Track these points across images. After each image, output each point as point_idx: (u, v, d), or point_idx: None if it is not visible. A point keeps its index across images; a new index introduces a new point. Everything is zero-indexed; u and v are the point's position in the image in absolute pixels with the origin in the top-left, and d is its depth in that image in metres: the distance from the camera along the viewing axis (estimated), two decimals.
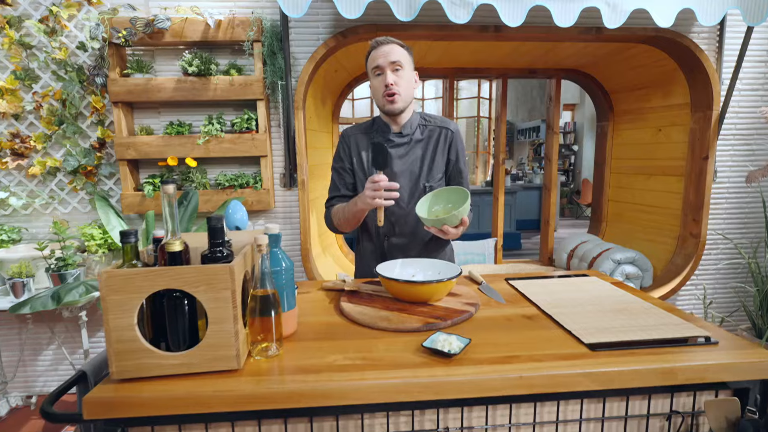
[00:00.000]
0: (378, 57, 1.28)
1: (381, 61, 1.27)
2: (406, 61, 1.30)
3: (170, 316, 0.77)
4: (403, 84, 1.30)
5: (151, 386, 0.74)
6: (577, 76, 3.04)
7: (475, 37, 2.24)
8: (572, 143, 9.06)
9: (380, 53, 1.28)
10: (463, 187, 1.42)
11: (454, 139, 1.40)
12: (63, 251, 1.93)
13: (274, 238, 0.91)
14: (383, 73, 1.28)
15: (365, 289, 1.19)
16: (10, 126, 2.14)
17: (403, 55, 1.30)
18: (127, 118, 2.15)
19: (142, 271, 0.73)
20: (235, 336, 0.77)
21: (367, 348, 0.87)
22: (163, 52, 2.17)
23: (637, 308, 1.04)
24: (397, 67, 1.28)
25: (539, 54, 2.66)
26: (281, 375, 0.77)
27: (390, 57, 1.27)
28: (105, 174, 2.20)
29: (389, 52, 1.27)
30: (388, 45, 1.28)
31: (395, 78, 1.28)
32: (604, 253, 2.61)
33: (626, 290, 1.19)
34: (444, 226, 1.14)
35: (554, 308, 1.05)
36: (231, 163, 2.28)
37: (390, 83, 1.27)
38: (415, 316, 0.99)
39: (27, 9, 2.06)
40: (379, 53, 1.28)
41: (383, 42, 1.29)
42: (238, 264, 0.78)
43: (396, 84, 1.28)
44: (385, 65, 1.27)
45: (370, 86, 1.34)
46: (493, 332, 0.94)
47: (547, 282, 1.27)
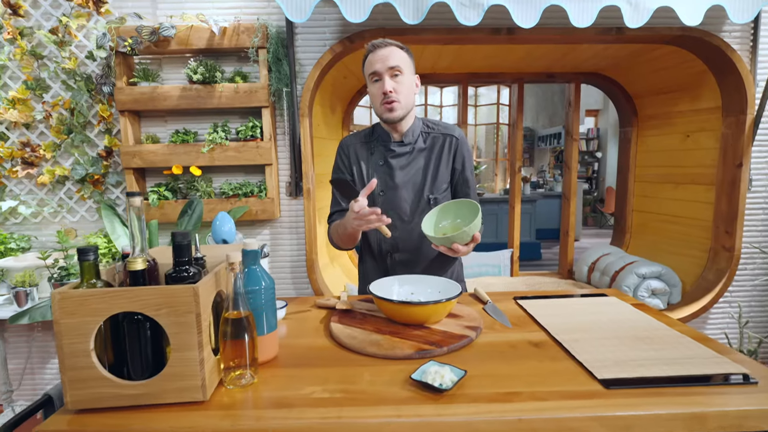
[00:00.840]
0: (375, 62, 1.18)
1: (378, 67, 1.17)
2: (405, 64, 1.21)
3: (131, 341, 0.70)
4: (403, 90, 1.20)
5: (105, 419, 0.67)
6: (597, 80, 2.90)
7: (487, 40, 2.15)
8: (596, 150, 8.78)
9: (377, 57, 1.18)
10: (470, 197, 1.32)
11: (459, 146, 1.31)
12: (66, 260, 1.91)
13: (252, 254, 0.84)
14: (381, 79, 1.18)
15: (359, 308, 1.11)
16: (21, 135, 2.16)
17: (403, 58, 1.20)
18: (133, 126, 2.14)
19: (97, 292, 0.67)
20: (201, 364, 0.70)
21: (351, 378, 0.78)
22: (169, 60, 2.16)
23: (662, 336, 0.92)
24: (396, 73, 1.18)
25: (556, 57, 2.54)
26: (249, 409, 0.70)
27: (388, 62, 1.17)
28: (112, 183, 2.20)
29: (387, 57, 1.18)
30: (385, 48, 1.19)
31: (394, 84, 1.18)
32: (627, 267, 2.45)
33: (650, 314, 1.07)
34: (454, 244, 1.05)
35: (565, 334, 0.94)
36: (237, 171, 2.24)
37: (388, 90, 1.17)
38: (408, 341, 0.90)
39: (39, 19, 2.08)
40: (377, 57, 1.18)
41: (380, 45, 1.19)
42: (205, 284, 0.71)
43: (395, 91, 1.18)
44: (383, 71, 1.17)
45: (368, 93, 1.26)
46: (494, 362, 0.84)
47: (560, 302, 1.16)
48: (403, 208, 1.26)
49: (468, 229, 1.00)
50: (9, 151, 2.13)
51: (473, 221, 1.02)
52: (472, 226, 1.01)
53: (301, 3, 1.80)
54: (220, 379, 0.77)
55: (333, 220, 1.31)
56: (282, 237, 2.28)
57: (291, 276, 2.32)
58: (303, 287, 2.33)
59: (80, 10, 2.06)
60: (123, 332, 0.70)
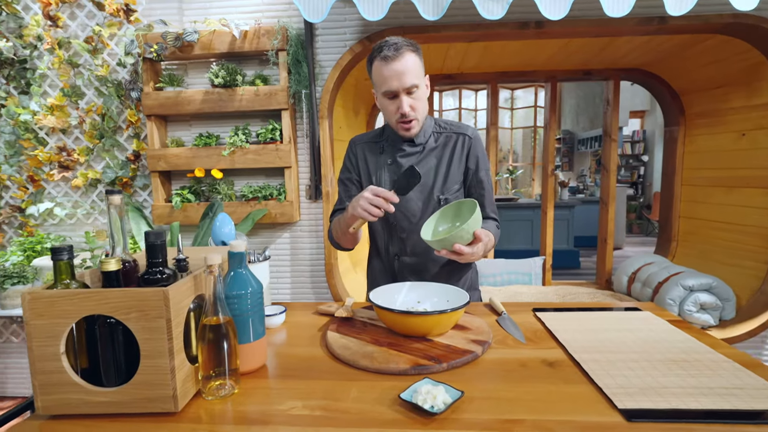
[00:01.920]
0: (390, 78, 1.07)
1: (395, 86, 1.07)
2: (420, 74, 1.11)
3: (103, 345, 0.67)
4: (420, 105, 1.12)
5: (74, 426, 0.64)
6: (639, 76, 2.70)
7: (515, 36, 2.04)
8: (642, 153, 8.29)
9: (391, 73, 1.06)
10: (484, 199, 1.23)
11: (473, 145, 1.22)
12: (92, 261, 1.97)
13: (237, 256, 0.79)
14: (397, 97, 1.10)
15: (361, 316, 1.04)
16: (58, 140, 2.26)
17: (417, 67, 1.10)
18: (160, 130, 2.19)
19: (66, 293, 0.64)
20: (172, 373, 0.65)
21: (336, 394, 0.72)
22: (194, 65, 2.20)
23: (703, 360, 0.79)
24: (413, 89, 1.09)
25: (592, 52, 2.38)
26: (220, 425, 0.64)
27: (405, 80, 1.06)
28: (139, 185, 2.26)
29: (403, 73, 1.06)
30: (400, 60, 1.06)
31: (411, 102, 1.10)
32: (672, 278, 2.23)
33: (690, 333, 0.93)
34: (455, 245, 0.96)
35: (586, 353, 0.83)
36: (257, 174, 2.24)
37: (406, 111, 1.09)
38: (405, 355, 0.82)
39: (75, 30, 2.18)
40: (391, 72, 1.06)
41: (392, 57, 1.06)
42: (179, 287, 0.67)
43: (413, 108, 1.10)
44: (400, 90, 1.07)
45: (378, 99, 1.16)
46: (499, 382, 0.74)
47: (585, 316, 1.04)
48: (412, 209, 1.18)
49: (466, 226, 0.91)
50: (47, 156, 2.24)
51: (470, 218, 0.93)
52: (469, 223, 0.92)
53: (318, 3, 1.77)
54: (198, 390, 0.73)
55: (336, 217, 1.26)
56: (302, 240, 2.26)
57: (311, 280, 2.29)
58: (322, 292, 2.29)
59: (112, 20, 2.14)
60: (96, 336, 0.67)
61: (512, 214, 5.36)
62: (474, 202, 0.98)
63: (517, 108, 8.86)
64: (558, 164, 8.61)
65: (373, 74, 1.13)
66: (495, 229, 1.23)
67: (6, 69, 2.22)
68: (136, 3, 2.13)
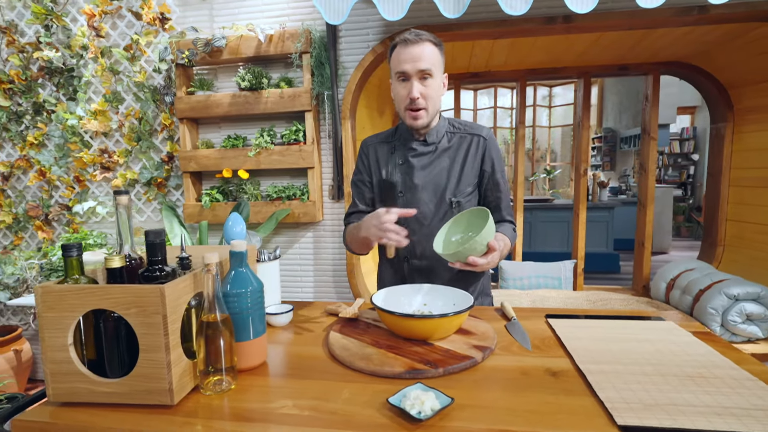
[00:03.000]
0: (404, 60, 1.08)
1: (408, 67, 1.07)
2: (437, 65, 1.11)
3: (108, 338, 0.71)
4: (431, 95, 1.11)
5: (79, 414, 0.68)
6: (681, 70, 2.53)
7: (542, 31, 1.97)
8: (691, 151, 7.79)
9: (408, 56, 1.07)
10: (501, 202, 1.20)
11: (488, 147, 1.18)
12: None
13: (238, 256, 0.81)
14: (409, 81, 1.09)
15: (366, 317, 1.04)
16: (100, 143, 2.41)
17: (435, 57, 1.10)
18: (191, 132, 2.29)
19: (73, 288, 0.68)
20: (168, 367, 0.68)
21: (329, 394, 0.72)
22: (223, 69, 2.28)
23: (723, 377, 0.73)
24: (426, 76, 1.09)
25: (628, 45, 2.26)
26: (212, 420, 0.66)
27: (419, 64, 1.06)
28: (173, 185, 2.37)
29: (419, 57, 1.07)
30: (417, 45, 1.07)
31: (422, 89, 1.09)
32: (715, 286, 2.08)
33: (714, 346, 0.86)
34: (469, 258, 0.93)
35: (593, 363, 0.79)
36: (283, 174, 2.29)
37: (416, 96, 1.08)
38: (402, 358, 0.81)
39: (116, 39, 2.32)
40: (407, 56, 1.07)
41: (412, 40, 1.08)
42: (176, 285, 0.69)
43: (423, 96, 1.09)
44: (412, 73, 1.07)
45: (392, 89, 1.17)
46: (495, 391, 0.72)
47: (600, 325, 0.99)
48: (423, 211, 1.17)
49: (479, 238, 0.89)
50: (91, 158, 2.39)
51: (482, 229, 0.90)
52: (482, 235, 0.89)
53: (338, 4, 1.79)
54: (196, 384, 0.75)
55: (350, 221, 1.26)
56: (324, 240, 2.29)
57: (333, 280, 2.31)
58: (344, 291, 2.31)
59: (149, 28, 2.25)
60: (102, 329, 0.71)
61: (547, 216, 5.19)
62: (486, 211, 0.95)
63: (555, 105, 8.57)
64: (599, 163, 8.24)
65: (392, 59, 1.13)
66: (511, 232, 1.20)
67: (56, 77, 2.39)
68: (170, 12, 2.23)
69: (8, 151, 2.52)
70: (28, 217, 2.51)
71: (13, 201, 2.54)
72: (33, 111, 2.44)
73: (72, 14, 2.34)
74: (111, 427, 0.65)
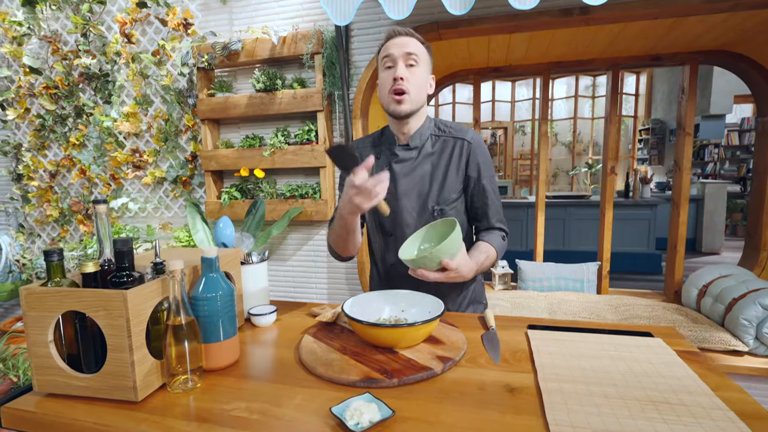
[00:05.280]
0: (391, 46, 1.09)
1: (394, 51, 1.08)
2: (423, 58, 1.11)
3: (83, 336, 0.77)
4: (415, 82, 1.09)
5: (55, 404, 0.75)
6: (723, 58, 2.33)
7: (558, 24, 1.88)
8: (752, 144, 7.14)
9: (395, 42, 1.09)
10: (488, 208, 1.17)
11: (473, 151, 1.15)
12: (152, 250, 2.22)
13: (208, 262, 0.85)
14: (394, 66, 1.08)
15: (343, 321, 1.06)
16: (132, 143, 2.57)
17: (421, 51, 1.11)
18: (212, 133, 2.39)
19: (51, 290, 0.74)
20: (132, 366, 0.73)
21: (282, 399, 0.74)
22: (241, 71, 2.35)
23: (691, 404, 0.68)
24: (412, 62, 1.08)
25: (659, 34, 2.11)
26: (168, 417, 0.70)
27: (406, 48, 1.08)
28: (197, 183, 2.49)
29: (406, 43, 1.08)
30: (405, 36, 1.10)
31: (407, 73, 1.08)
32: (751, 295, 1.92)
33: (698, 369, 0.81)
34: (418, 270, 0.93)
35: (555, 381, 0.76)
36: (297, 173, 2.35)
37: (399, 76, 1.07)
38: (362, 366, 0.82)
39: (146, 45, 2.45)
40: (394, 42, 1.09)
41: (401, 32, 1.10)
42: (140, 291, 0.74)
43: (406, 79, 1.07)
44: (398, 56, 1.07)
45: (378, 83, 1.16)
46: (445, 404, 0.72)
47: (579, 338, 0.95)
48: (406, 219, 1.16)
49: (430, 254, 0.88)
50: (125, 157, 2.56)
51: (442, 243, 0.89)
52: (437, 250, 0.88)
53: (344, 5, 1.79)
54: (165, 382, 0.80)
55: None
56: None
57: (345, 277, 2.35)
58: (356, 289, 2.34)
59: (174, 33, 2.37)
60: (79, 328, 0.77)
61: (582, 213, 4.98)
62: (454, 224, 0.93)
63: (598, 96, 8.14)
64: (645, 157, 7.76)
65: (380, 53, 1.14)
66: (499, 241, 1.17)
67: (94, 82, 2.57)
68: (193, 17, 2.33)
69: (55, 151, 2.74)
70: (72, 211, 2.73)
71: (59, 197, 2.77)
72: (75, 114, 2.64)
73: (107, 23, 2.50)
74: (78, 418, 0.70)
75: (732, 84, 6.01)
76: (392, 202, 1.16)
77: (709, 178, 7.43)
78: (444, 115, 7.87)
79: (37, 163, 2.75)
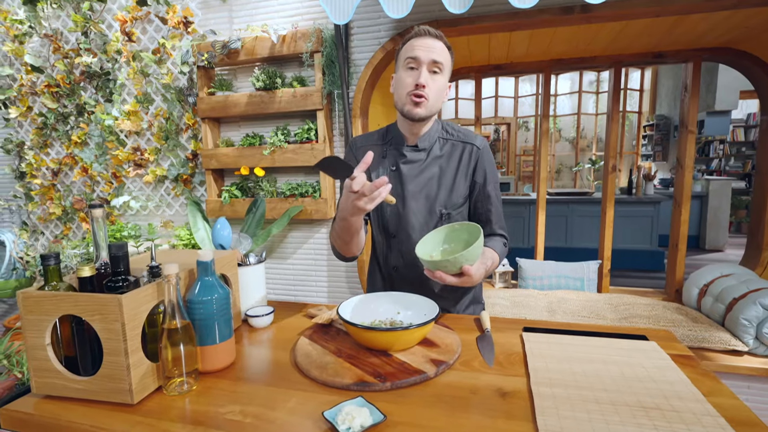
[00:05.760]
0: (418, 47, 1.06)
1: (421, 54, 1.05)
2: (446, 65, 1.10)
3: (80, 339, 0.78)
4: (435, 89, 1.08)
5: (53, 406, 0.76)
6: (727, 56, 2.31)
7: (559, 22, 1.87)
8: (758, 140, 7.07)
9: (423, 44, 1.06)
10: (491, 215, 1.17)
11: (481, 157, 1.15)
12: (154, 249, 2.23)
13: (203, 265, 0.85)
14: (418, 68, 1.06)
15: (340, 323, 1.06)
16: (134, 141, 2.58)
17: (446, 58, 1.09)
18: (213, 131, 2.39)
19: (48, 294, 0.75)
20: (127, 370, 0.74)
21: (276, 402, 0.75)
22: (241, 70, 2.35)
23: (681, 411, 0.69)
24: (436, 69, 1.07)
25: (660, 33, 2.09)
26: (163, 420, 0.71)
27: (433, 54, 1.05)
28: (197, 182, 2.50)
29: (433, 48, 1.06)
30: (435, 39, 1.07)
31: (429, 80, 1.07)
32: (751, 295, 1.92)
33: (691, 373, 0.81)
34: (437, 272, 0.93)
35: (548, 386, 0.77)
36: (298, 172, 2.35)
37: (422, 83, 1.05)
38: (355, 369, 0.83)
39: (146, 43, 2.45)
40: (422, 44, 1.06)
41: (431, 34, 1.07)
42: (135, 295, 0.75)
43: (428, 86, 1.06)
44: (424, 61, 1.05)
45: (395, 78, 1.13)
46: (436, 408, 0.72)
47: (573, 341, 0.95)
48: (412, 222, 1.16)
49: (454, 259, 0.88)
50: (126, 155, 2.57)
51: (468, 249, 0.89)
52: (461, 256, 0.88)
53: (343, 4, 1.78)
54: (161, 384, 0.81)
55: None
56: None
57: (346, 275, 2.36)
58: (357, 288, 2.35)
59: (174, 32, 2.36)
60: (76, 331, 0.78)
61: (585, 210, 4.96)
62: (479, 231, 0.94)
63: (602, 92, 8.07)
64: (650, 153, 7.70)
65: (403, 49, 1.11)
66: (501, 247, 1.17)
67: (95, 80, 2.57)
68: (193, 15, 2.33)
69: (57, 149, 2.75)
70: (75, 209, 2.75)
71: (62, 194, 2.79)
72: (76, 112, 2.65)
73: (107, 21, 2.50)
74: (74, 421, 0.72)
75: (738, 80, 5.95)
76: (399, 203, 1.16)
77: (714, 174, 7.38)
78: (447, 111, 7.84)
79: (39, 161, 2.77)
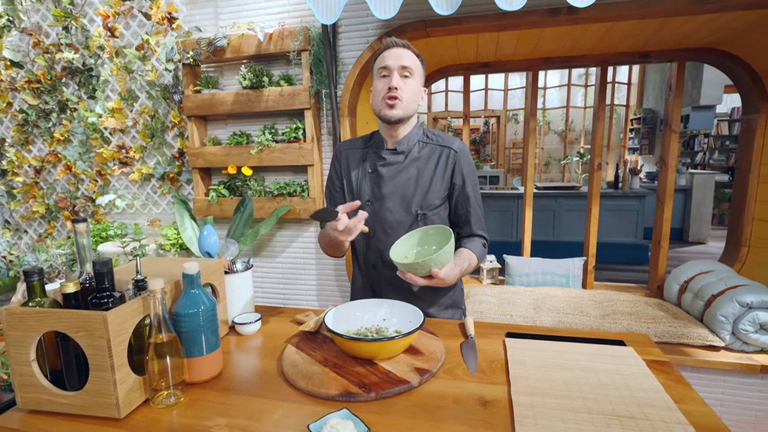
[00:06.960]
0: (388, 57, 1.13)
1: (390, 63, 1.13)
2: (417, 70, 1.16)
3: (65, 355, 0.78)
4: (408, 92, 1.14)
5: (39, 421, 0.76)
6: (711, 56, 2.34)
7: (546, 23, 1.87)
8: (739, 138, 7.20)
9: (392, 54, 1.14)
10: (471, 216, 1.19)
11: (458, 160, 1.17)
12: (140, 249, 2.22)
13: (189, 278, 0.86)
14: (389, 75, 1.13)
15: (326, 330, 1.08)
16: (118, 139, 2.54)
17: (416, 64, 1.16)
18: (200, 129, 2.37)
19: (31, 311, 0.75)
20: (114, 385, 0.74)
21: (262, 414, 0.76)
22: (228, 68, 2.32)
23: (652, 419, 0.71)
24: (407, 74, 1.13)
25: (646, 34, 2.11)
26: None
27: (402, 61, 1.13)
28: (184, 180, 2.48)
29: (402, 56, 1.13)
30: (402, 49, 1.14)
31: (401, 83, 1.13)
32: (729, 292, 1.97)
33: (665, 380, 0.84)
34: (408, 274, 0.97)
35: (528, 394, 0.79)
36: (286, 171, 2.34)
37: (394, 86, 1.11)
38: (341, 379, 0.84)
39: (129, 39, 2.41)
40: (391, 54, 1.14)
41: (397, 44, 1.15)
42: (120, 312, 0.75)
43: (400, 89, 1.12)
44: (393, 67, 1.12)
45: (372, 90, 1.19)
46: (419, 419, 0.74)
47: (554, 347, 0.98)
48: (388, 221, 1.18)
49: (422, 263, 0.90)
50: (111, 153, 2.53)
51: (434, 254, 0.91)
52: (430, 260, 0.90)
53: (331, 3, 1.77)
54: (148, 397, 0.82)
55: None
56: None
57: (334, 274, 2.37)
58: (345, 285, 2.36)
59: (159, 27, 2.32)
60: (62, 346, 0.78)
61: (572, 204, 5.03)
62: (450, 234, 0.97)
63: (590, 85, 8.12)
64: (636, 147, 7.80)
65: (375, 63, 1.18)
66: (480, 248, 1.20)
67: (78, 77, 2.52)
68: (177, 11, 2.29)
69: (39, 146, 2.70)
70: (59, 208, 2.71)
71: (45, 193, 2.74)
72: (59, 109, 2.60)
73: (89, 15, 2.44)
74: None
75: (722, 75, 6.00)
76: (377, 203, 1.19)
77: (698, 168, 7.50)
78: (437, 104, 7.84)
79: (21, 158, 2.71)
